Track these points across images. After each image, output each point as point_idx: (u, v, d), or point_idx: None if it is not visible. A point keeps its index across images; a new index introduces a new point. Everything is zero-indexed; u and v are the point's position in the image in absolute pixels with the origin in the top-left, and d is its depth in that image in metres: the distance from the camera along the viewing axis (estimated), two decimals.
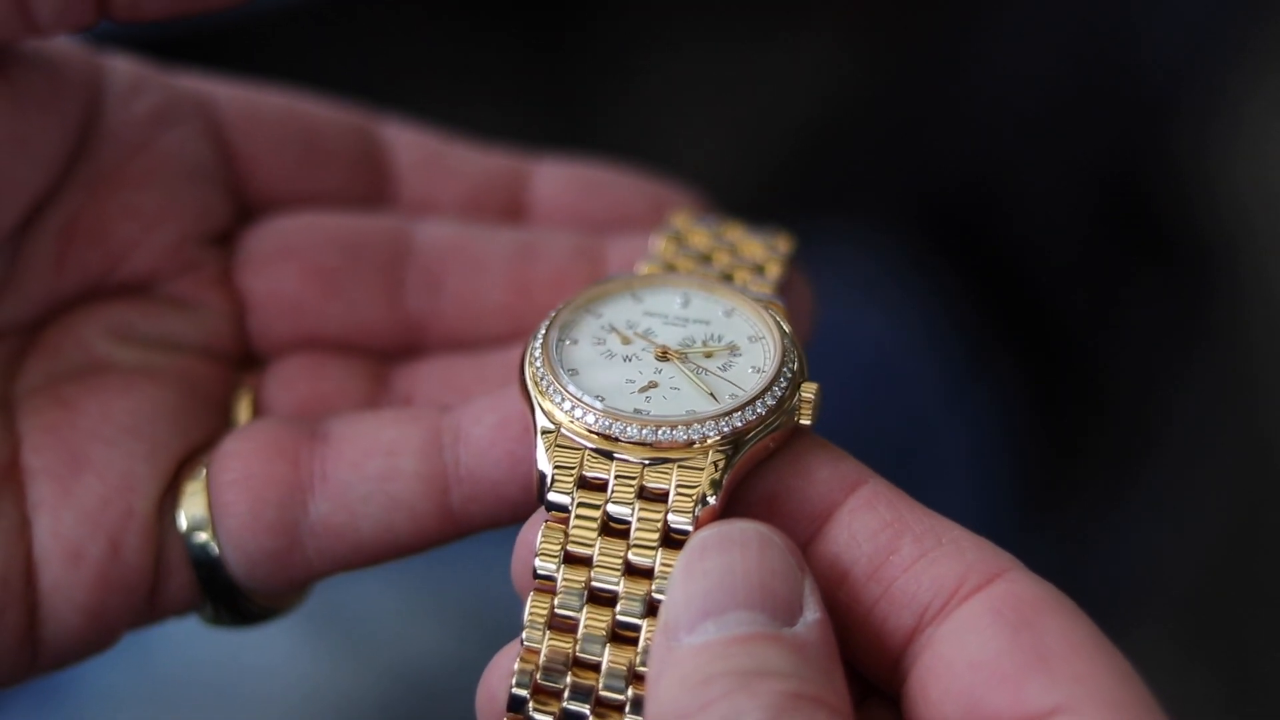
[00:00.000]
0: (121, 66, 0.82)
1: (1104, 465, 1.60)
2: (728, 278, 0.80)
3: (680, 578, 0.65)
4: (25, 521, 0.75)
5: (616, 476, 0.70)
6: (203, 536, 0.77)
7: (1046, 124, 1.64)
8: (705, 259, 0.82)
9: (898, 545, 0.68)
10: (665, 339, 0.75)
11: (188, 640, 1.23)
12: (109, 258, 0.82)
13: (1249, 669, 1.53)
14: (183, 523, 0.77)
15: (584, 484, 0.70)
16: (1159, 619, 1.58)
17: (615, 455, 0.70)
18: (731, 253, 0.82)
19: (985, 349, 1.55)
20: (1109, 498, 1.58)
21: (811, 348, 0.78)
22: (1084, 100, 1.63)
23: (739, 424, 0.71)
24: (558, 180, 0.88)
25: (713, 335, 0.76)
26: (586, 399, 0.71)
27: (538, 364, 0.73)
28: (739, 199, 1.71)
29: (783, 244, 0.83)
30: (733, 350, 0.75)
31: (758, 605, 0.64)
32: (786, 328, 0.75)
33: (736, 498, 0.70)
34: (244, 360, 0.85)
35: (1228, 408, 1.62)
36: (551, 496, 0.70)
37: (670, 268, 0.81)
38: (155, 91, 0.83)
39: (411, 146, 0.88)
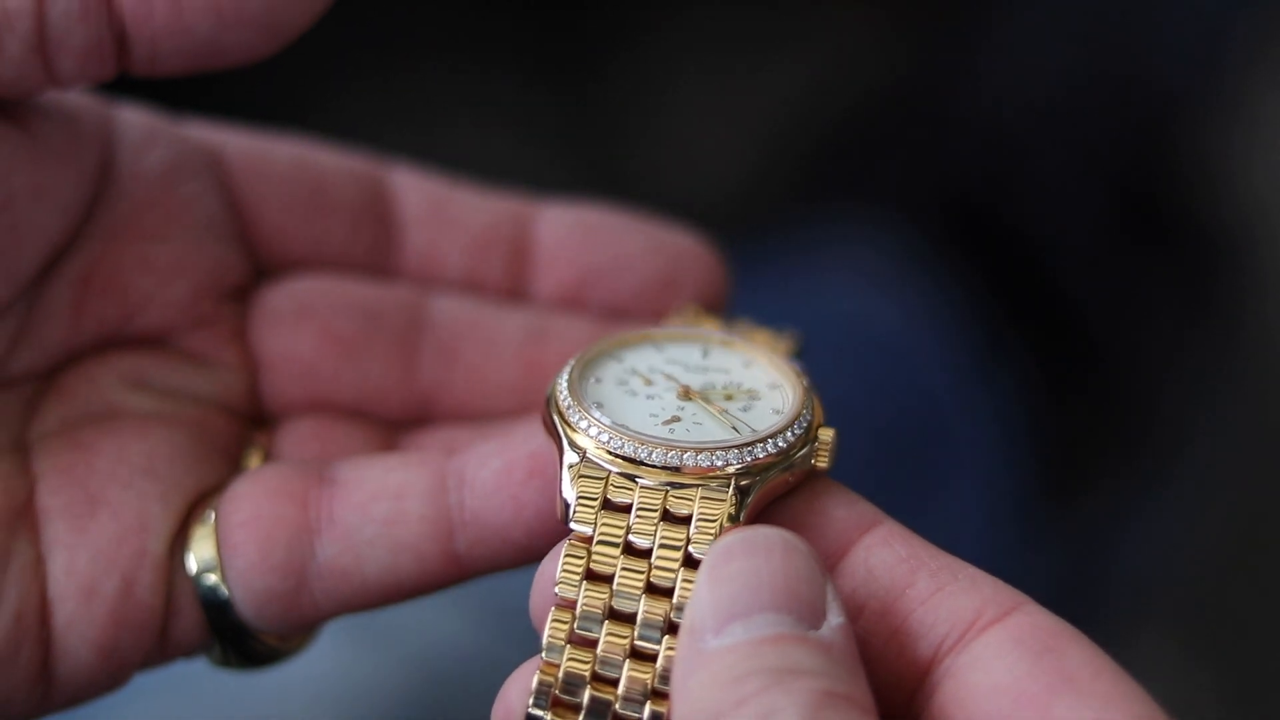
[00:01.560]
0: (132, 118, 0.84)
1: (1116, 457, 1.59)
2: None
3: (705, 582, 0.66)
4: (40, 560, 0.76)
5: (640, 500, 0.71)
6: (212, 578, 0.78)
7: (1062, 114, 1.64)
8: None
9: (914, 580, 0.69)
10: (688, 380, 0.77)
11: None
12: (125, 309, 0.83)
13: (1258, 665, 1.52)
14: (192, 565, 0.78)
15: (608, 506, 0.71)
16: (1168, 613, 1.58)
17: (639, 480, 0.71)
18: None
19: (999, 340, 1.55)
20: (1121, 490, 1.58)
21: (824, 338, 0.79)
22: (1099, 90, 1.63)
23: (760, 455, 0.72)
24: (561, 227, 0.89)
25: (733, 382, 0.78)
26: (612, 424, 0.73)
27: (564, 397, 0.74)
28: (755, 191, 1.71)
29: (788, 342, 0.84)
30: (752, 396, 0.77)
31: (784, 608, 0.64)
32: (804, 379, 0.77)
33: None
34: (256, 419, 0.86)
35: (1243, 400, 1.62)
36: (575, 526, 0.71)
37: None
38: (167, 145, 0.84)
39: (418, 194, 0.89)
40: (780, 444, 0.73)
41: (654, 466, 0.71)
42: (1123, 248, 1.63)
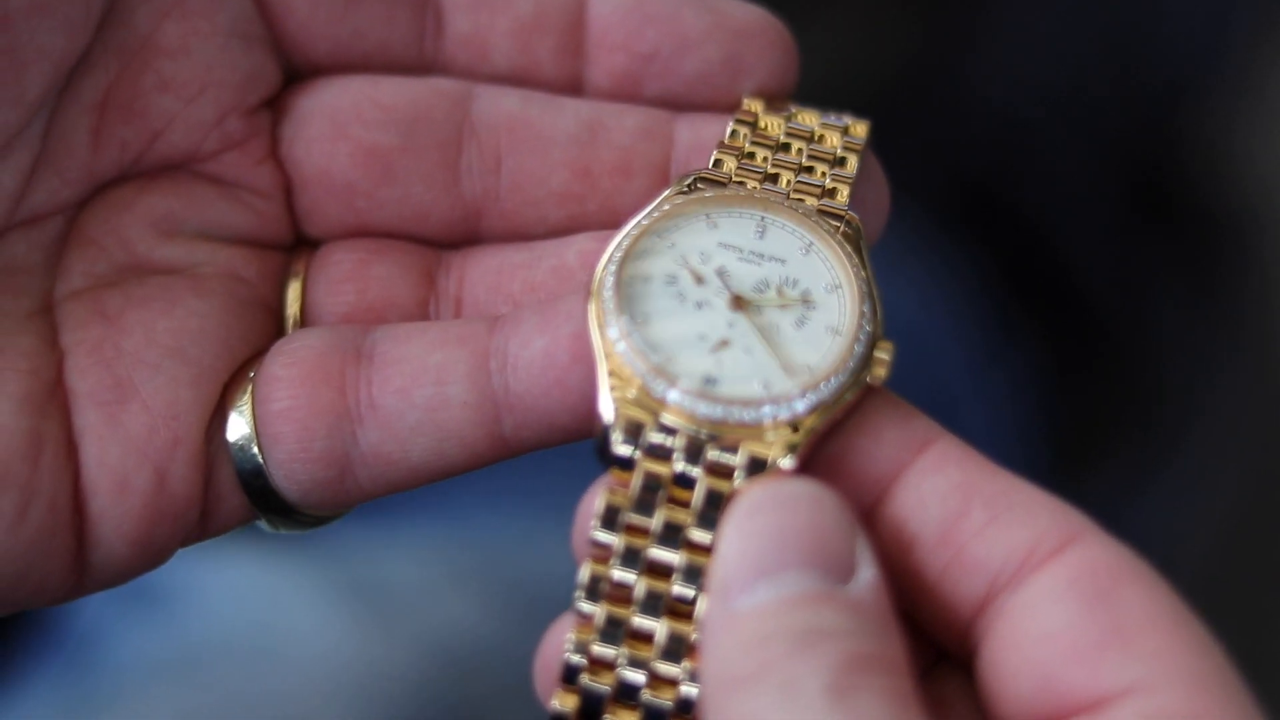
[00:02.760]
0: None
1: (1125, 438, 1.60)
2: (806, 169, 0.76)
3: (732, 537, 0.64)
4: (73, 446, 0.74)
5: (686, 444, 0.68)
6: (254, 461, 0.76)
7: (1069, 99, 1.64)
8: (781, 146, 0.78)
9: (967, 509, 0.66)
10: (739, 280, 0.72)
11: (219, 607, 1.24)
12: (148, 133, 0.78)
13: (1269, 640, 1.53)
14: (232, 450, 0.76)
15: (650, 451, 0.68)
16: (1178, 589, 1.58)
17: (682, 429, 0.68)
18: (808, 141, 0.78)
19: (1010, 323, 1.55)
20: (1130, 469, 1.59)
21: None
22: (1105, 74, 1.63)
23: (813, 402, 0.68)
24: (614, 5, 0.81)
25: (789, 279, 0.72)
26: (657, 366, 0.69)
27: (608, 301, 0.70)
28: None
29: (858, 130, 0.79)
30: (808, 303, 0.72)
31: (811, 564, 0.63)
32: (866, 269, 0.72)
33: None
34: (293, 244, 0.82)
35: (1247, 381, 1.62)
36: (618, 450, 0.68)
37: (745, 154, 0.77)
38: None
39: None
40: (834, 385, 0.68)
41: (701, 419, 0.68)
42: (1131, 229, 1.63)
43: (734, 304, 0.71)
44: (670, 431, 0.68)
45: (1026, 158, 1.63)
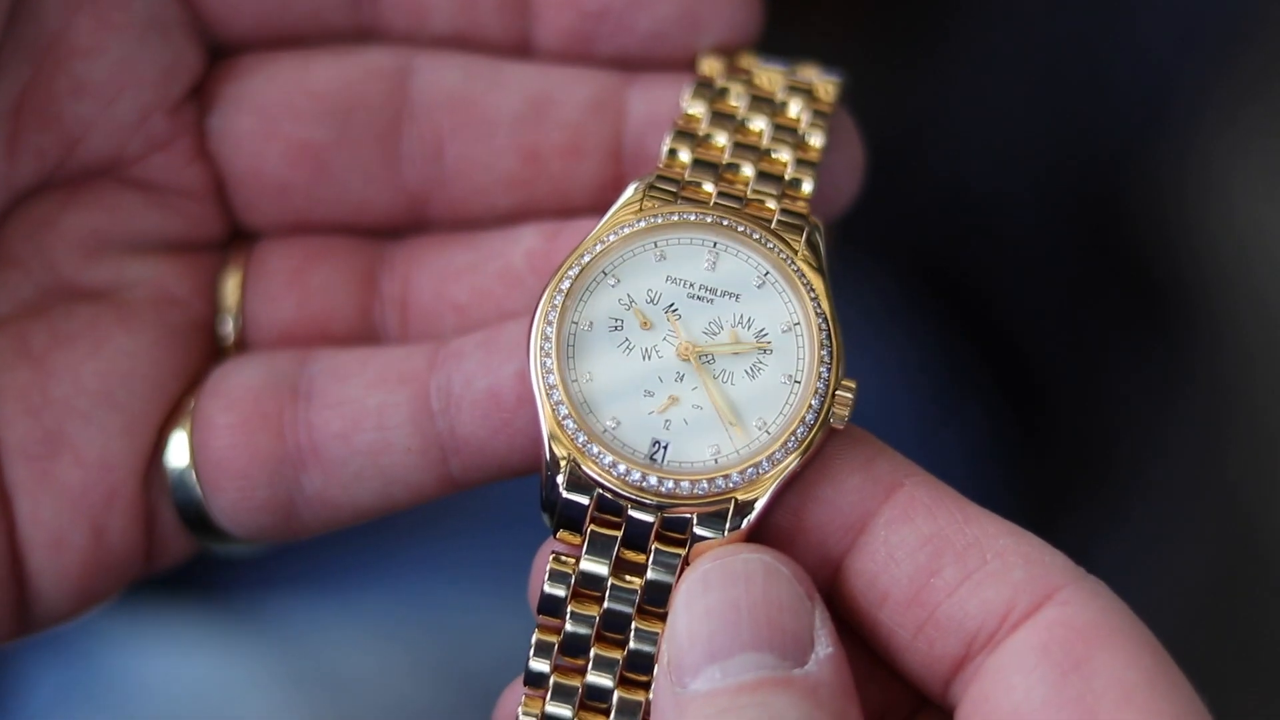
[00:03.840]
0: None
1: (1080, 506, 1.60)
2: (767, 155, 0.70)
3: (683, 614, 0.61)
4: (6, 498, 0.72)
5: (631, 515, 0.65)
6: (196, 507, 0.74)
7: (1025, 172, 1.65)
8: (740, 127, 0.72)
9: (939, 566, 0.63)
10: (689, 323, 0.67)
11: (172, 697, 1.21)
12: (64, 140, 0.74)
13: (1220, 696, 1.54)
14: (174, 496, 0.74)
15: (599, 516, 0.66)
16: None
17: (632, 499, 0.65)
18: (771, 114, 0.72)
19: (963, 388, 1.56)
20: (1084, 539, 1.59)
21: None
22: (1060, 149, 1.65)
23: (766, 468, 0.65)
24: None
25: (743, 318, 0.67)
26: (608, 446, 0.65)
27: (551, 385, 0.66)
28: None
29: (825, 92, 0.74)
30: (763, 348, 0.67)
31: (765, 645, 0.60)
32: (824, 303, 0.67)
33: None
34: (229, 238, 0.77)
35: (1204, 450, 1.62)
36: (560, 536, 0.66)
37: (701, 139, 0.70)
38: None
39: None
40: (790, 445, 0.64)
41: (649, 492, 0.65)
42: (1082, 295, 1.64)
43: (683, 352, 0.67)
44: (617, 502, 0.65)
45: (983, 226, 1.63)
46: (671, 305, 0.68)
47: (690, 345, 0.67)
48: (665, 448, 0.66)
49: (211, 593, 1.24)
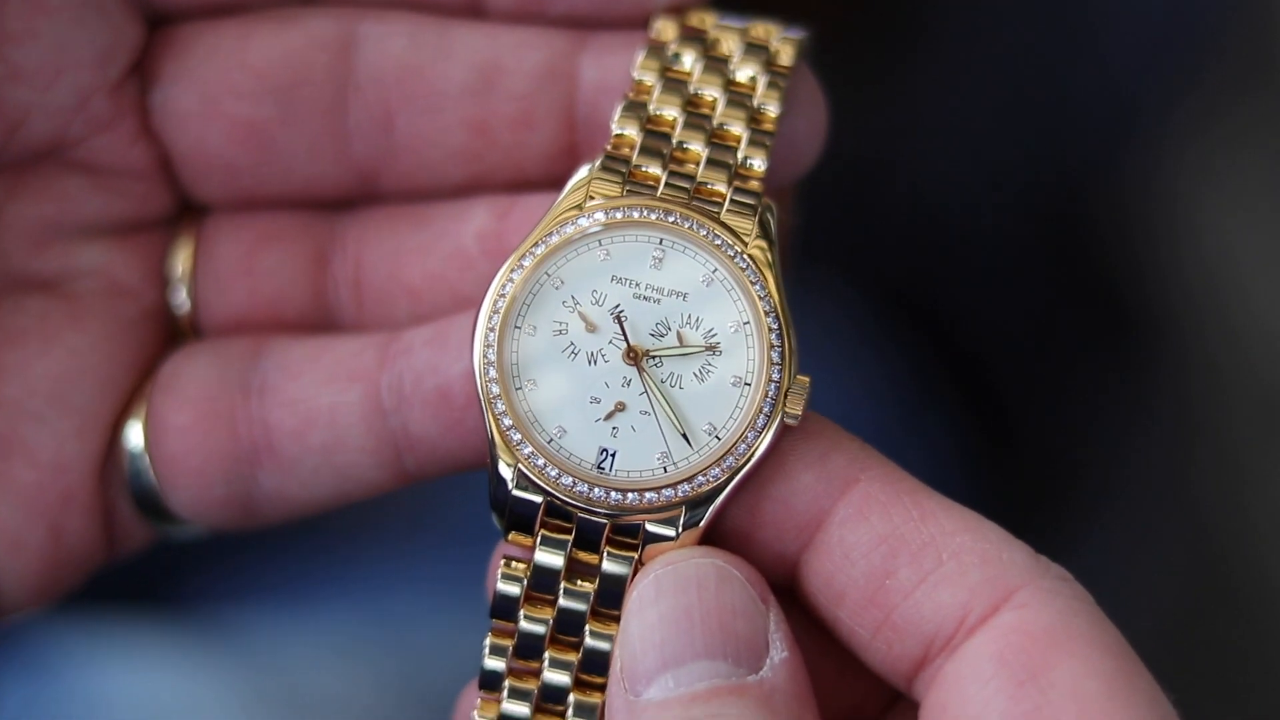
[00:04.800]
0: None
1: (1041, 526, 1.60)
2: (719, 126, 0.68)
3: (635, 621, 0.61)
4: None
5: (581, 523, 0.65)
6: (154, 500, 0.74)
7: (987, 190, 1.65)
8: (692, 98, 0.69)
9: (894, 567, 0.62)
10: (635, 325, 0.65)
11: (132, 710, 1.21)
12: (2, 126, 0.72)
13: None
14: (131, 491, 0.74)
15: (549, 521, 0.65)
16: None
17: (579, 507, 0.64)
18: (724, 88, 0.70)
19: (927, 405, 1.56)
20: (1047, 549, 1.59)
21: None
22: (1022, 166, 1.65)
23: (716, 475, 0.64)
24: None
25: (690, 318, 0.65)
26: (553, 459, 0.64)
27: (495, 394, 0.65)
28: None
29: (784, 55, 0.71)
30: (711, 348, 0.65)
31: (718, 652, 0.59)
32: (774, 299, 0.65)
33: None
34: (178, 211, 0.76)
35: (1168, 471, 1.63)
36: (512, 538, 0.66)
37: (650, 120, 0.68)
38: None
39: None
40: (740, 452, 0.63)
41: (596, 505, 0.64)
42: (1048, 316, 1.64)
43: (630, 357, 0.65)
44: (565, 509, 0.65)
45: (949, 245, 1.64)
46: (617, 307, 0.66)
47: (636, 349, 0.66)
48: (613, 456, 0.65)
49: (177, 607, 1.24)
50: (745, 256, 0.66)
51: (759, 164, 0.68)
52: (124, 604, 1.20)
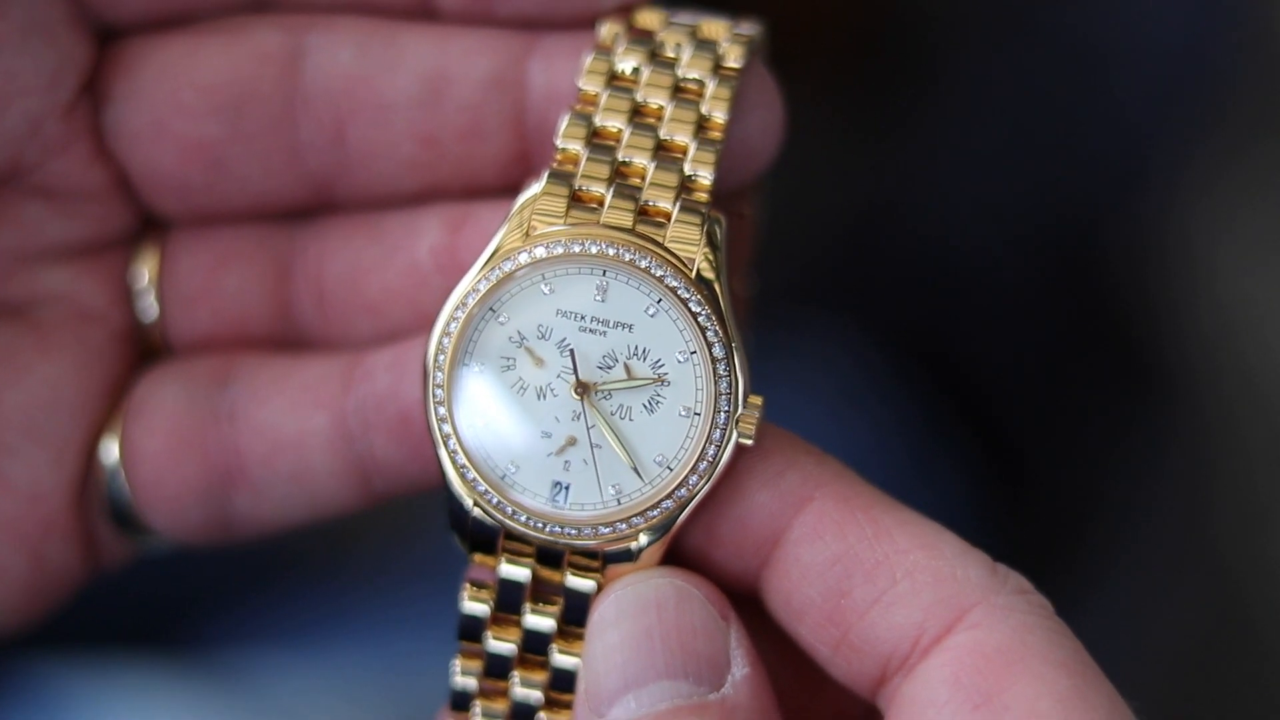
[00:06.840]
0: None
1: (1055, 574, 1.59)
2: (664, 146, 0.67)
3: (597, 642, 0.62)
4: None
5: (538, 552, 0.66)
6: (134, 521, 0.75)
7: (1001, 236, 1.66)
8: (639, 108, 0.68)
9: (849, 587, 0.62)
10: (583, 358, 0.65)
11: None
12: None
13: None
14: (112, 514, 0.74)
15: (509, 544, 0.66)
16: None
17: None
18: (671, 93, 0.69)
19: (937, 453, 1.56)
20: (1059, 608, 1.58)
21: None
22: (1035, 213, 1.65)
23: (669, 506, 0.64)
24: None
25: (637, 349, 0.65)
26: (507, 496, 0.65)
27: (446, 433, 0.65)
28: None
29: (733, 55, 0.69)
30: (660, 380, 0.65)
31: (680, 672, 0.60)
32: (721, 328, 0.64)
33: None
34: (140, 225, 0.76)
35: (1185, 521, 1.62)
36: (477, 559, 0.67)
37: (595, 132, 0.67)
38: None
39: None
40: (692, 482, 0.63)
41: (551, 539, 0.64)
42: (1060, 362, 1.64)
43: (579, 390, 0.65)
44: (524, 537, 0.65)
45: (961, 291, 1.64)
46: (563, 340, 0.66)
47: (584, 382, 0.66)
48: (567, 489, 0.65)
49: (182, 649, 1.25)
50: (688, 286, 0.65)
51: (706, 177, 0.67)
52: (128, 646, 1.21)
